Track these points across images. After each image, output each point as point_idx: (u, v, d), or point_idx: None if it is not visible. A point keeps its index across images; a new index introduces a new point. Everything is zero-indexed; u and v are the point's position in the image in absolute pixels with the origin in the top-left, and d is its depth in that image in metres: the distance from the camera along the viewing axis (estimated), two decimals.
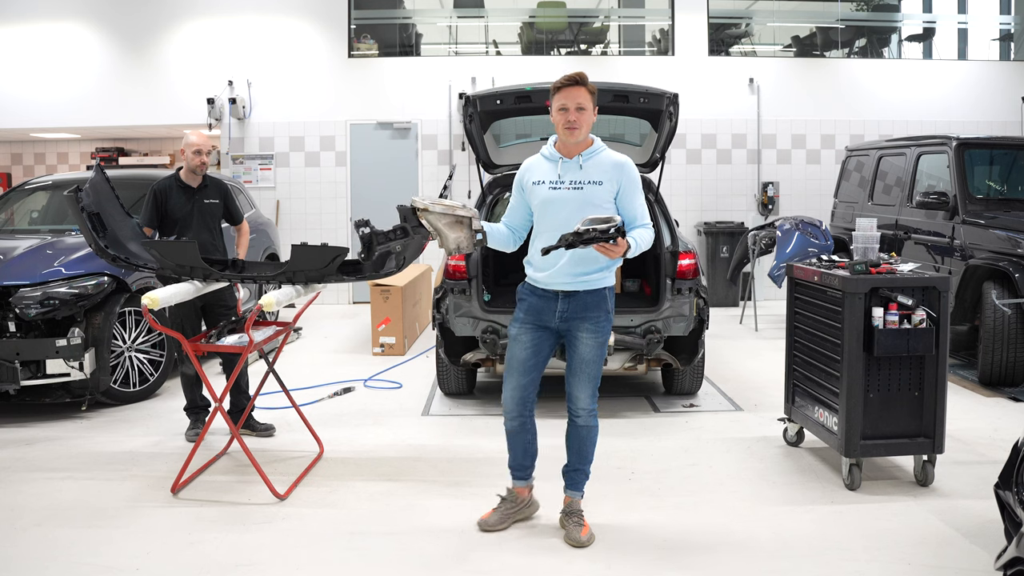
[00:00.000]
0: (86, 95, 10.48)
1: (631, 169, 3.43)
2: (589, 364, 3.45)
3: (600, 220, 3.15)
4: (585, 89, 3.34)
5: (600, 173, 3.38)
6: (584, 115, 3.34)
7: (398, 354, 7.35)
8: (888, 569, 3.25)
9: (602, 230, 3.12)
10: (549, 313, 3.44)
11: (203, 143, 4.94)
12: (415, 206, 3.27)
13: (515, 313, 3.56)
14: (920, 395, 4.01)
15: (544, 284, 3.44)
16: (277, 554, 3.43)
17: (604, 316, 3.44)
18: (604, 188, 3.37)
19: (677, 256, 5.31)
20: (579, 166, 3.39)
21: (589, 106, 3.35)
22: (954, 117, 10.65)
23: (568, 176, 3.39)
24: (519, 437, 3.58)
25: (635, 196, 3.43)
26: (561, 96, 3.34)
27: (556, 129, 3.41)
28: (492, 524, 3.59)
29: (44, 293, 5.24)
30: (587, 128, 3.38)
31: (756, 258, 8.59)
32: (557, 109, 3.36)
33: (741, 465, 4.47)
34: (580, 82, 3.33)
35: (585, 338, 3.43)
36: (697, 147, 10.63)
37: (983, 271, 6.12)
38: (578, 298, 3.41)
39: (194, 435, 4.92)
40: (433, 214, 3.24)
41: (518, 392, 3.51)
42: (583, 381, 3.47)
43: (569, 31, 11.09)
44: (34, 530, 3.67)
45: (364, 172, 10.48)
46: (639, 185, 3.45)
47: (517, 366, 3.50)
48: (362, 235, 3.39)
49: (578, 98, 3.32)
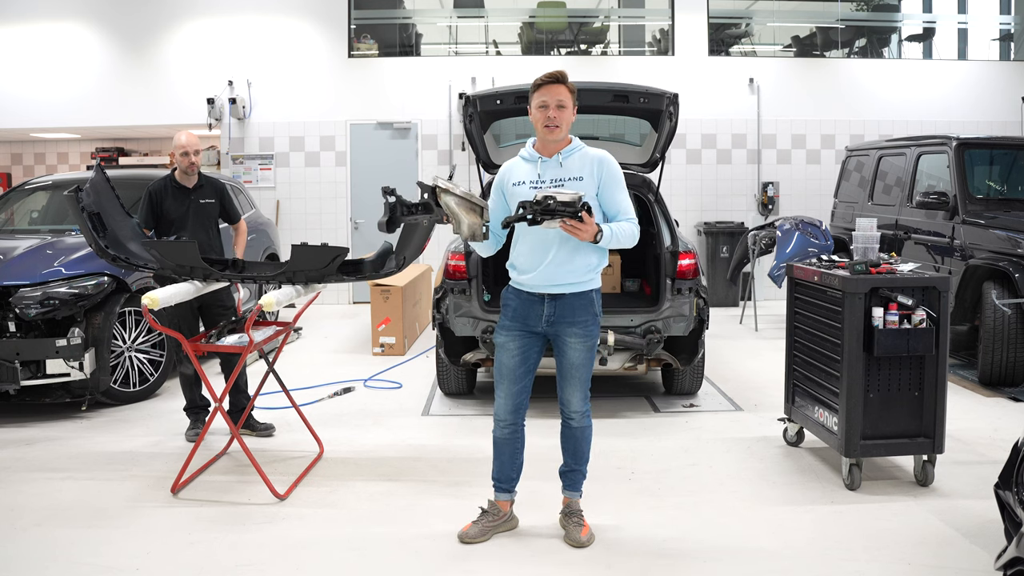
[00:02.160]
0: (86, 95, 10.48)
1: (611, 163, 3.39)
2: (579, 368, 3.42)
3: (564, 193, 3.10)
4: (565, 87, 3.31)
5: (580, 169, 3.35)
6: (564, 113, 3.31)
7: (398, 354, 7.35)
8: (888, 569, 3.25)
9: (564, 201, 3.06)
10: (535, 317, 3.39)
11: (190, 144, 4.92)
12: (437, 184, 3.24)
13: (500, 319, 3.50)
14: (920, 395, 4.01)
15: (529, 287, 3.39)
16: (277, 554, 3.43)
17: (592, 319, 3.40)
18: (585, 184, 3.33)
19: (677, 256, 5.30)
20: (559, 164, 3.36)
21: (569, 104, 3.33)
22: (954, 117, 10.65)
23: (548, 175, 3.35)
24: (508, 446, 3.53)
25: (617, 190, 3.38)
26: (541, 93, 3.31)
27: (535, 127, 3.37)
28: (472, 536, 3.52)
29: (44, 293, 5.24)
30: (567, 126, 3.35)
31: (756, 258, 8.59)
32: (537, 107, 3.33)
33: (741, 465, 4.47)
34: (560, 80, 3.30)
35: (574, 343, 3.39)
36: (697, 147, 10.63)
37: (983, 271, 6.12)
38: (564, 301, 3.36)
39: (194, 435, 4.92)
40: (454, 196, 3.20)
41: (511, 400, 3.47)
42: (574, 385, 3.44)
43: (569, 31, 11.09)
44: (34, 530, 3.67)
45: (364, 172, 10.48)
46: (621, 179, 3.40)
47: (507, 374, 3.45)
48: (388, 203, 3.35)
49: (558, 95, 3.29)
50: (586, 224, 3.11)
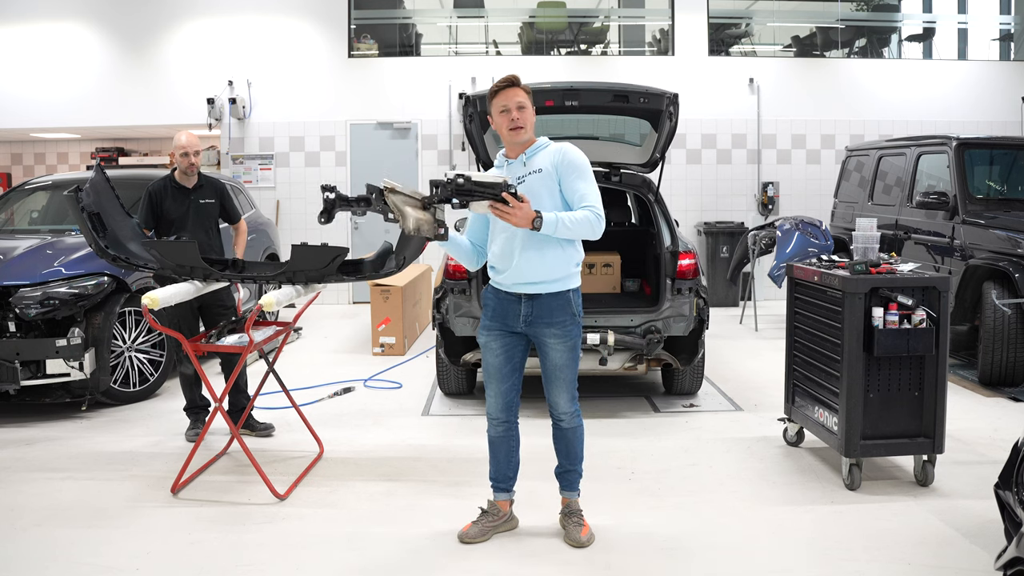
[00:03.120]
0: (86, 95, 10.48)
1: (571, 152, 3.37)
2: (562, 369, 3.42)
3: (485, 175, 3.13)
4: (521, 89, 3.36)
5: (540, 162, 3.37)
6: (525, 113, 3.34)
7: (398, 354, 7.35)
8: (888, 569, 3.25)
9: (479, 181, 3.06)
10: (513, 317, 3.40)
11: (189, 144, 4.92)
12: (384, 186, 3.29)
13: (481, 319, 3.52)
14: (920, 395, 4.01)
15: (506, 287, 3.40)
16: (277, 554, 3.43)
17: (570, 319, 3.39)
18: (545, 175, 3.32)
19: (677, 256, 5.31)
20: (523, 163, 3.39)
21: (528, 104, 3.36)
22: (954, 117, 10.64)
23: (514, 174, 3.37)
24: (503, 444, 3.54)
25: (575, 178, 3.32)
26: (500, 99, 3.35)
27: (500, 133, 3.39)
28: (472, 537, 3.53)
29: (44, 293, 5.24)
30: (531, 126, 3.38)
31: (756, 258, 8.59)
32: (499, 112, 3.35)
33: (741, 465, 4.47)
34: (515, 83, 3.36)
35: (554, 344, 3.39)
36: (697, 147, 10.63)
37: (983, 271, 6.12)
38: (541, 301, 3.36)
39: (194, 435, 4.92)
40: (397, 195, 3.26)
41: (500, 398, 3.49)
42: (559, 387, 3.45)
43: (569, 31, 11.08)
44: (34, 530, 3.68)
45: (364, 172, 10.47)
46: (581, 167, 3.35)
47: (494, 373, 3.47)
48: (325, 199, 3.43)
49: (516, 97, 3.33)
50: (515, 208, 3.09)
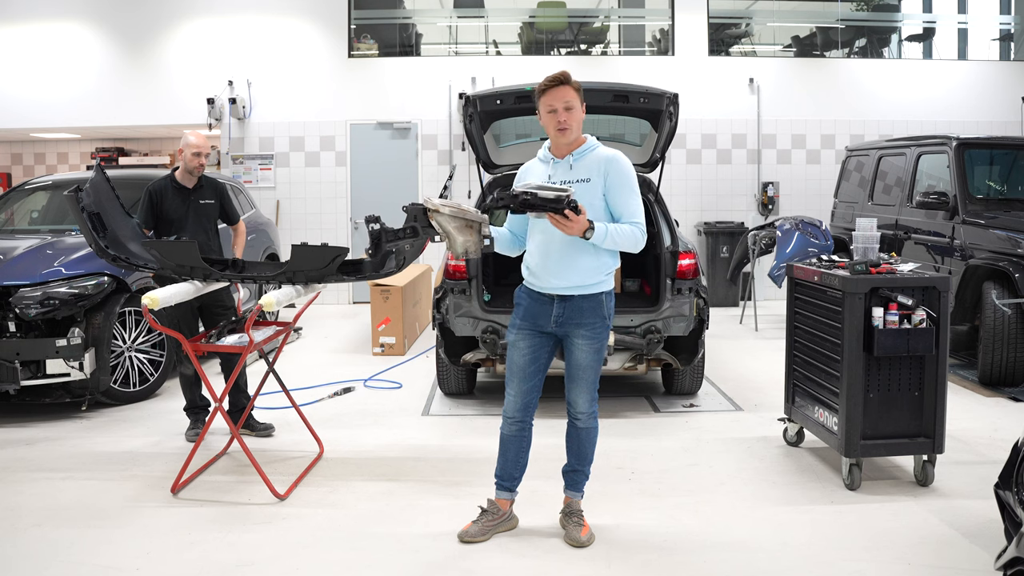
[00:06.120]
0: (86, 95, 10.48)
1: (620, 163, 3.34)
2: (587, 370, 3.43)
3: (549, 188, 3.10)
4: (571, 87, 3.28)
5: (588, 171, 3.33)
6: (573, 114, 3.28)
7: (398, 354, 7.34)
8: (888, 569, 3.25)
9: (545, 198, 3.05)
10: (545, 317, 3.40)
11: (203, 145, 4.93)
12: (427, 206, 3.23)
13: (512, 318, 3.52)
14: (920, 395, 4.01)
15: (539, 287, 3.40)
16: (277, 554, 3.43)
17: (600, 322, 3.39)
18: (592, 185, 3.30)
19: (677, 256, 5.31)
20: (569, 166, 3.35)
21: (577, 104, 3.30)
22: (954, 117, 10.64)
23: (558, 177, 3.34)
24: (515, 443, 3.54)
25: (623, 192, 3.32)
26: (548, 98, 3.28)
27: (547, 132, 3.35)
28: (472, 535, 3.53)
29: (44, 293, 5.24)
30: (578, 127, 3.33)
31: (756, 258, 8.59)
32: (546, 112, 3.31)
33: (741, 465, 4.47)
34: (565, 81, 3.27)
35: (581, 344, 3.40)
36: (697, 147, 10.63)
37: (983, 271, 6.12)
38: (573, 303, 3.36)
39: (194, 435, 4.92)
40: (444, 216, 3.20)
41: (521, 398, 3.49)
42: (581, 387, 3.45)
43: (569, 31, 11.08)
44: (34, 530, 3.67)
45: (364, 172, 10.48)
46: (630, 181, 3.34)
47: (518, 372, 3.47)
48: (372, 231, 3.38)
49: (565, 97, 3.27)
50: (572, 221, 3.10)
